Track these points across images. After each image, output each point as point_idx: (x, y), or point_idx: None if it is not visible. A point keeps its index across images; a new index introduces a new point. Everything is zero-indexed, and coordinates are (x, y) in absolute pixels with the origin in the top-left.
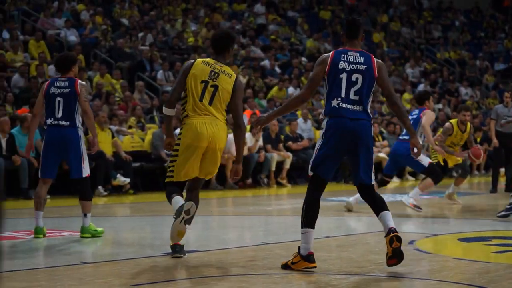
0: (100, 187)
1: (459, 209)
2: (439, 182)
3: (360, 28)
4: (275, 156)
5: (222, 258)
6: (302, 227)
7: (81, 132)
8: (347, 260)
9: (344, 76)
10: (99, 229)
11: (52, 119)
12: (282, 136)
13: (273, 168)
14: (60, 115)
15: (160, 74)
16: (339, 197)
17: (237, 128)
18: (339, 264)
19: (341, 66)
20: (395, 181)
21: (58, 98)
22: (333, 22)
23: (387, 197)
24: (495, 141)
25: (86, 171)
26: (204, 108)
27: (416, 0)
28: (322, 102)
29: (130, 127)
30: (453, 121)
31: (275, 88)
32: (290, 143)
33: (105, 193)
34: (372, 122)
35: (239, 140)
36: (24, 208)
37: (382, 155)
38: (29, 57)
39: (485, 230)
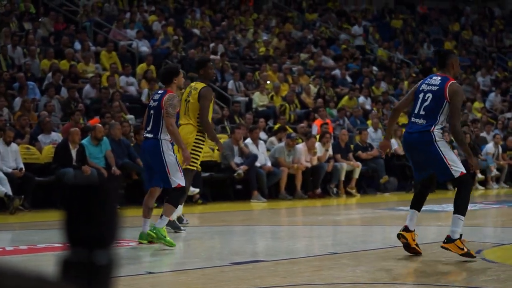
0: None
1: None
2: None
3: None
4: (344, 166)
5: (288, 268)
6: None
7: (166, 144)
8: (414, 270)
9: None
10: (170, 239)
11: (145, 131)
12: (352, 146)
13: (343, 178)
14: (149, 127)
15: (231, 84)
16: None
17: None
18: (405, 274)
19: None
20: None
21: (151, 111)
22: (404, 30)
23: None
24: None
25: (175, 182)
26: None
27: (488, 9)
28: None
29: None
30: None
31: (346, 98)
32: (360, 152)
33: None
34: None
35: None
36: None
37: None
38: (100, 68)
39: None
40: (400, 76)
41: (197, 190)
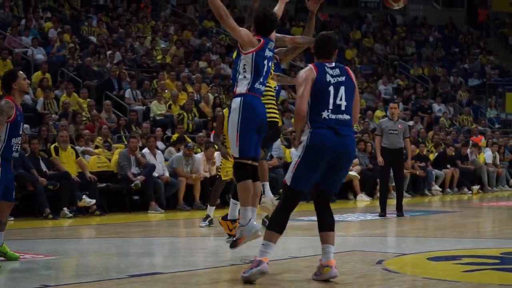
0: (65, 209)
1: (428, 228)
2: None
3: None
4: None
5: (186, 280)
6: None
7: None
8: (314, 281)
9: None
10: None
11: None
12: None
13: None
14: None
15: (128, 93)
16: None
17: None
18: (306, 286)
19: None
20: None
21: None
22: None
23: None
24: (380, 159)
25: None
26: None
27: (390, 16)
28: (292, 120)
29: (96, 147)
30: None
31: None
32: None
33: (70, 215)
34: None
35: None
36: None
37: (353, 173)
38: None
39: (455, 249)
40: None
41: (93, 201)
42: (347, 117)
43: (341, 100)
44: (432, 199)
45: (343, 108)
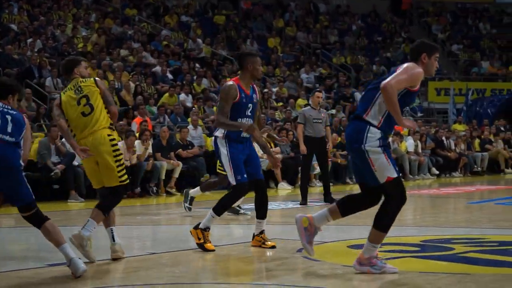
0: None
1: (350, 216)
2: None
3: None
4: (164, 164)
5: (106, 268)
6: None
7: None
8: (234, 269)
9: None
10: None
11: None
12: (172, 144)
13: (163, 177)
14: None
15: (48, 81)
16: None
17: None
18: (226, 273)
19: None
20: (287, 188)
21: None
22: (227, 26)
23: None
24: (303, 148)
25: None
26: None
27: (313, 4)
28: (214, 108)
29: None
30: None
31: (166, 95)
32: (180, 150)
33: None
34: None
35: None
36: None
37: None
38: None
39: None
40: (222, 72)
41: None
42: None
43: None
44: (354, 188)
45: None
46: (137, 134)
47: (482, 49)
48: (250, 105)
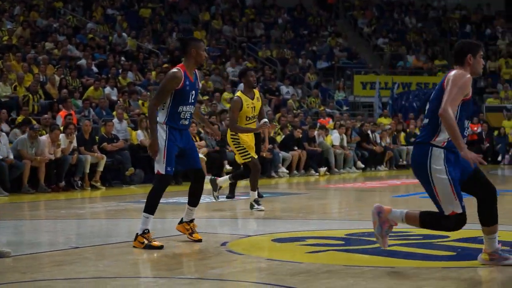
0: None
1: (274, 209)
2: None
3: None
4: (89, 158)
5: (29, 263)
6: None
7: None
8: (156, 263)
9: None
10: None
11: None
12: (97, 137)
13: (87, 170)
14: None
15: None
16: None
17: None
18: (148, 267)
19: None
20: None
21: None
22: (153, 20)
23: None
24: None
25: None
26: None
27: None
28: (140, 102)
29: None
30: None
31: (91, 88)
32: (105, 144)
33: None
34: None
35: None
36: None
37: (200, 155)
38: None
39: (300, 230)
40: (148, 66)
41: None
42: None
43: None
44: (279, 181)
45: None
46: (61, 128)
47: (408, 43)
48: (193, 92)
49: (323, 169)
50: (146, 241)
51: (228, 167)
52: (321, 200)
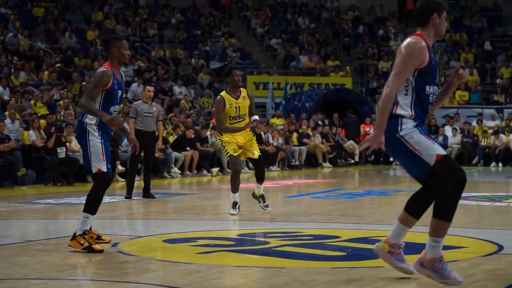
0: None
1: (167, 210)
2: None
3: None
4: None
5: None
6: None
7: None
8: (48, 264)
9: None
10: None
11: None
12: None
13: None
14: None
15: None
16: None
17: None
18: (39, 269)
19: None
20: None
21: None
22: (46, 19)
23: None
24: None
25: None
26: None
27: None
28: (32, 102)
29: None
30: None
31: None
32: None
33: None
34: None
35: None
36: None
37: None
38: None
39: (192, 231)
40: (41, 66)
41: None
42: None
43: None
44: (172, 182)
45: None
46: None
47: (301, 43)
48: (120, 92)
49: (215, 170)
50: (86, 243)
51: (120, 167)
52: (214, 200)
